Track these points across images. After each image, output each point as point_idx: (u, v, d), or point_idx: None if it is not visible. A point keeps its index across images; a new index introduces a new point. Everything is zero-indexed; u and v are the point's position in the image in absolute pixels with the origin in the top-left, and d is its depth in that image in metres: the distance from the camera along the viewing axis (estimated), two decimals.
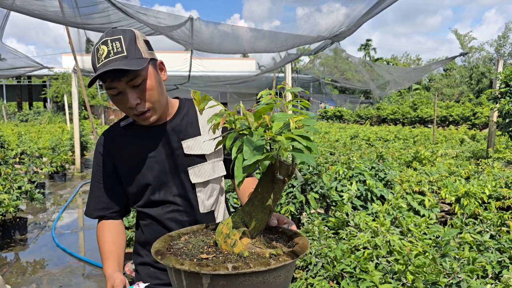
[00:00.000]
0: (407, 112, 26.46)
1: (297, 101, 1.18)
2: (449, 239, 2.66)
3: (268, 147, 1.05)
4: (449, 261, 2.34)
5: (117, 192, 1.55)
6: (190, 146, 1.52)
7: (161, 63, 1.45)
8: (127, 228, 4.25)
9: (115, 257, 1.47)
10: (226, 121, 1.12)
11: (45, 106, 36.49)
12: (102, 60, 1.29)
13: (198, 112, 1.54)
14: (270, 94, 1.17)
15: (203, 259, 1.04)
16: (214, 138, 1.18)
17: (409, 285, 2.48)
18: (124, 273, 4.16)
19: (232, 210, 4.05)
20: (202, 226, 1.28)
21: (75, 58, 6.02)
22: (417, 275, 2.48)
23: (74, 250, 5.07)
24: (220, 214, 1.65)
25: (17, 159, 9.16)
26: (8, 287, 3.97)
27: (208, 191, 1.57)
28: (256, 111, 1.05)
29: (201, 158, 1.53)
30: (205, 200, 1.56)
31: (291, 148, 0.99)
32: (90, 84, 1.26)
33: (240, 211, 1.13)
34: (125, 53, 1.29)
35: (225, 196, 1.75)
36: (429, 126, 23.11)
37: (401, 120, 26.44)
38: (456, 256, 2.41)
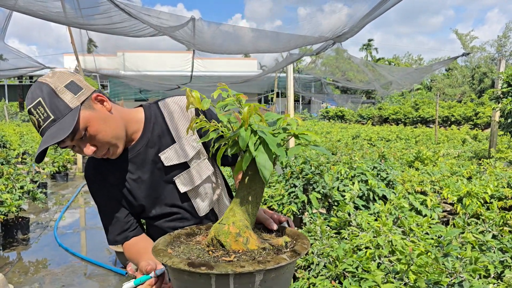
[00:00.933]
0: (409, 112, 26.43)
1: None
2: (451, 239, 2.66)
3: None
4: (451, 260, 2.34)
5: (126, 213, 1.53)
6: (169, 157, 1.48)
7: (97, 95, 1.33)
8: None
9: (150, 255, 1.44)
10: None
11: None
12: (38, 131, 1.24)
13: (166, 117, 1.51)
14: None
15: (225, 261, 1.02)
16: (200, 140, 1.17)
17: (411, 284, 2.48)
18: (125, 273, 4.17)
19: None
20: (205, 226, 1.28)
21: (77, 58, 6.04)
22: (419, 275, 2.48)
23: (76, 249, 5.08)
24: (222, 207, 1.64)
25: (19, 159, 9.18)
26: (11, 286, 3.98)
27: (201, 194, 1.55)
28: (242, 116, 1.04)
29: (183, 166, 1.50)
30: (200, 203, 1.55)
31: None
32: (38, 160, 1.25)
33: (237, 208, 1.12)
34: (52, 116, 1.21)
35: (223, 180, 1.70)
36: (431, 126, 23.08)
37: (403, 120, 26.42)
38: (458, 256, 2.40)
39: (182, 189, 1.50)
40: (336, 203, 4.20)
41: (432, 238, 3.41)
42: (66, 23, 4.00)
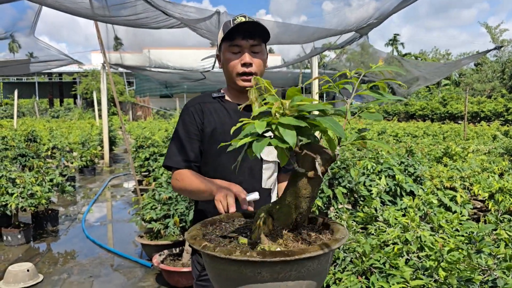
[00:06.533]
0: (437, 108, 25.84)
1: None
2: (484, 235, 2.57)
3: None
4: (484, 257, 2.26)
5: (200, 150, 1.72)
6: None
7: (267, 57, 1.76)
8: (155, 221, 4.30)
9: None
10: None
11: (75, 103, 37.40)
12: (239, 22, 1.59)
13: None
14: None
15: (227, 237, 1.09)
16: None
17: (442, 281, 2.40)
18: (151, 265, 4.22)
19: None
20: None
21: (103, 53, 6.12)
22: (449, 272, 2.41)
23: (103, 241, 5.17)
24: (274, 196, 1.82)
25: (49, 153, 9.41)
26: (41, 276, 4.08)
27: (270, 171, 1.77)
28: (286, 94, 1.02)
29: None
30: (267, 178, 1.76)
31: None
32: (226, 38, 1.64)
33: (272, 202, 1.11)
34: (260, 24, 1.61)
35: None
36: (459, 122, 22.50)
37: (430, 116, 25.83)
38: (492, 253, 2.32)
39: (264, 156, 1.73)
40: (362, 198, 4.13)
41: (463, 235, 3.31)
42: (92, 16, 4.06)
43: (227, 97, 1.79)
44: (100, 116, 14.91)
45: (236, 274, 0.90)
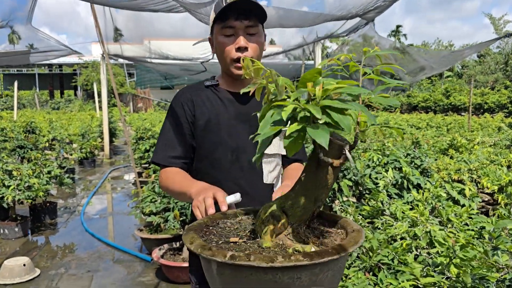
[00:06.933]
0: (440, 99, 25.64)
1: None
2: (500, 231, 2.45)
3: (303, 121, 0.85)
4: (501, 255, 2.14)
5: (191, 145, 1.57)
6: None
7: (265, 39, 1.59)
8: (154, 214, 4.19)
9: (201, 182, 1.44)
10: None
11: (75, 94, 37.30)
12: (232, 0, 1.41)
13: None
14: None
15: (230, 242, 0.94)
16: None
17: (455, 279, 2.29)
18: (151, 260, 4.12)
19: None
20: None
21: (101, 41, 5.97)
22: (462, 269, 2.29)
23: (103, 235, 5.07)
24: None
25: (47, 144, 9.30)
26: (38, 271, 3.98)
27: (273, 164, 1.61)
28: (302, 76, 0.90)
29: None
30: (269, 172, 1.60)
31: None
32: (218, 18, 1.46)
33: (282, 196, 0.98)
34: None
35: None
36: (462, 114, 22.33)
37: (433, 107, 25.65)
38: (508, 250, 2.20)
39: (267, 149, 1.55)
40: (367, 191, 4.01)
41: (473, 230, 3.21)
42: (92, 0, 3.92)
43: (221, 85, 1.63)
44: (100, 107, 14.79)
45: (270, 284, 0.78)
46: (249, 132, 1.51)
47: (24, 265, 3.83)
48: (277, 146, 1.60)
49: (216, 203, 1.17)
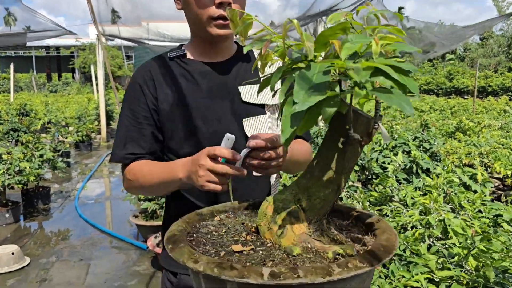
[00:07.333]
0: (442, 82, 25.31)
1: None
2: None
3: (337, 88, 0.68)
4: None
5: (155, 136, 1.24)
6: (249, 92, 1.25)
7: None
8: (149, 200, 3.99)
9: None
10: (275, 50, 0.76)
11: (73, 77, 36.89)
12: None
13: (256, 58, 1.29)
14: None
15: (235, 252, 0.69)
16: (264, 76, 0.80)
17: (475, 273, 2.09)
18: (146, 248, 3.93)
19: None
20: (246, 203, 0.93)
21: (94, 21, 5.70)
22: (481, 261, 2.10)
23: (97, 220, 4.86)
24: (276, 183, 1.35)
25: (39, 127, 9.09)
26: (27, 259, 3.79)
27: None
28: (320, 33, 0.69)
29: (261, 109, 1.27)
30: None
31: (371, 86, 0.61)
32: None
33: (293, 185, 0.77)
34: None
35: None
36: (465, 97, 22.03)
37: (435, 90, 25.35)
38: None
39: (250, 133, 1.23)
40: (374, 176, 3.80)
41: (487, 217, 3.02)
42: None
43: (190, 55, 1.28)
44: (98, 90, 14.53)
45: None
46: (232, 111, 1.23)
47: (13, 253, 3.64)
48: (268, 127, 1.26)
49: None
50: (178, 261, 0.64)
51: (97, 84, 16.26)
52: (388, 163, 3.67)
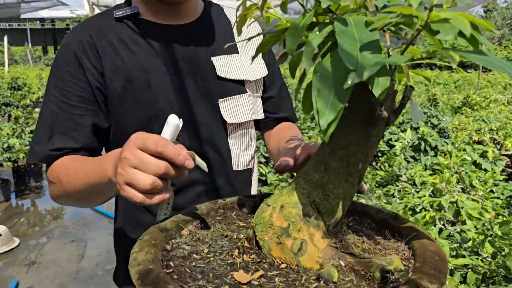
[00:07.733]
0: (445, 56, 24.96)
1: None
2: None
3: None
4: None
5: (96, 125, 0.91)
6: (225, 65, 0.97)
7: None
8: None
9: None
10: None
11: None
12: None
13: (231, 22, 1.04)
14: None
15: (241, 284, 0.49)
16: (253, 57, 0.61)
17: (495, 262, 1.92)
18: None
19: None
20: (212, 205, 0.72)
21: None
22: (498, 247, 1.93)
23: None
24: (255, 176, 1.10)
25: (34, 101, 8.86)
26: (16, 240, 3.64)
27: (245, 139, 1.03)
28: None
29: (240, 86, 0.99)
30: (240, 152, 1.02)
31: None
32: None
33: (301, 182, 0.56)
34: None
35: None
36: (468, 70, 21.69)
37: (438, 64, 25.02)
38: None
39: (228, 118, 0.97)
40: (380, 154, 3.61)
41: (500, 198, 2.86)
42: None
43: (144, 15, 0.96)
44: None
45: None
46: (204, 90, 0.95)
47: (1, 235, 3.48)
48: (249, 109, 1.00)
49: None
50: None
51: None
52: (395, 140, 3.48)
